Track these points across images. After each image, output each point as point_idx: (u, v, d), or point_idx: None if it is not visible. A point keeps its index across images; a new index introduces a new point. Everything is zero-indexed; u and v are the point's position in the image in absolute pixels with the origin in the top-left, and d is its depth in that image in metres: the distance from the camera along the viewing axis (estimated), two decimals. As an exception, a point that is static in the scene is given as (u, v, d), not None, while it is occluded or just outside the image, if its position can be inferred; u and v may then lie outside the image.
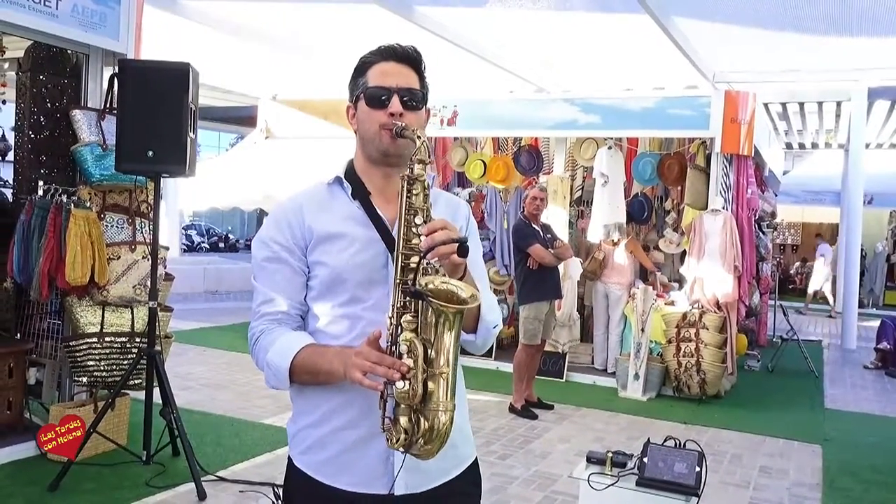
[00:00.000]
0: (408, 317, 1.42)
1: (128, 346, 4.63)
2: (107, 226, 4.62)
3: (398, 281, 1.46)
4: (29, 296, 4.60)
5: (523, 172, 8.53)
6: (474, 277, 1.56)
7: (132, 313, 4.70)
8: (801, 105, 11.23)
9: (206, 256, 19.42)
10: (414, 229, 1.48)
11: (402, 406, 1.41)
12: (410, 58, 1.65)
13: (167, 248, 5.01)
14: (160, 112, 4.20)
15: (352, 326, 1.59)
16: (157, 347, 4.38)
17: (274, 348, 1.58)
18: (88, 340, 4.53)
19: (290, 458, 1.70)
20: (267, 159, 10.05)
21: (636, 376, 6.95)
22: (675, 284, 8.04)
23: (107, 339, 4.58)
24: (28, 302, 4.82)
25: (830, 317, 14.50)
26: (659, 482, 3.08)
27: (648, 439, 3.27)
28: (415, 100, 1.63)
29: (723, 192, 7.17)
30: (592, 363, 7.96)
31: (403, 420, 1.41)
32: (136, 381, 4.57)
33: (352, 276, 1.59)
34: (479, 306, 1.56)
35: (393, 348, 1.43)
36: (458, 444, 1.62)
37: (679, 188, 8.13)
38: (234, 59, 7.87)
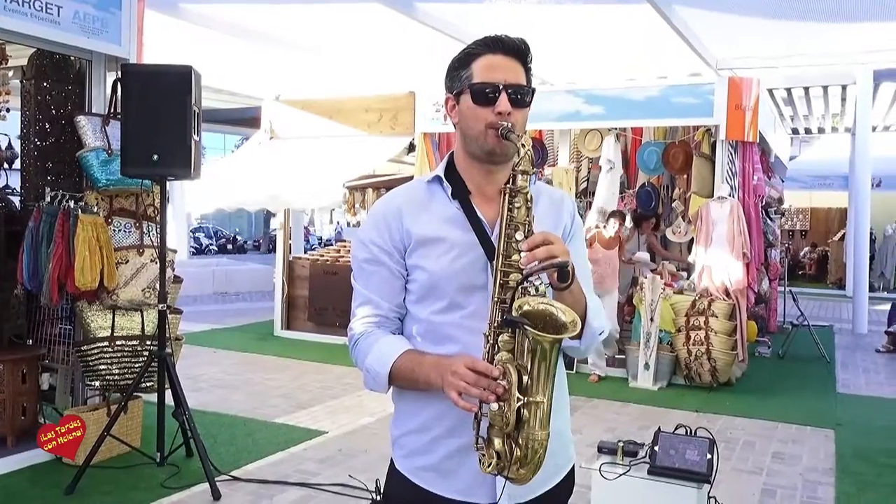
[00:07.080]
0: (505, 336, 1.39)
1: (139, 349, 4.67)
2: (114, 230, 4.65)
3: (496, 299, 1.43)
4: (40, 302, 4.64)
5: (528, 165, 8.51)
6: (580, 279, 1.49)
7: (142, 316, 4.73)
8: (806, 90, 11.19)
9: (214, 258, 19.50)
10: (514, 245, 1.43)
11: (496, 428, 1.37)
12: (519, 50, 1.55)
13: (175, 251, 5.04)
14: (164, 115, 4.21)
15: (449, 337, 1.55)
16: (168, 350, 4.41)
17: (373, 353, 1.56)
18: (100, 345, 4.56)
19: (391, 461, 1.68)
20: (271, 160, 10.04)
21: (646, 366, 6.94)
22: (684, 273, 8.02)
23: (118, 342, 4.61)
24: (39, 308, 4.86)
25: None
26: (670, 470, 3.08)
27: (659, 428, 3.27)
28: (523, 96, 1.54)
29: (729, 180, 7.14)
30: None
31: (497, 443, 1.38)
32: (148, 384, 4.60)
33: (451, 283, 1.55)
34: (586, 310, 1.52)
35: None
36: (557, 453, 1.58)
37: (685, 177, 8.11)
38: (237, 60, 7.91)
